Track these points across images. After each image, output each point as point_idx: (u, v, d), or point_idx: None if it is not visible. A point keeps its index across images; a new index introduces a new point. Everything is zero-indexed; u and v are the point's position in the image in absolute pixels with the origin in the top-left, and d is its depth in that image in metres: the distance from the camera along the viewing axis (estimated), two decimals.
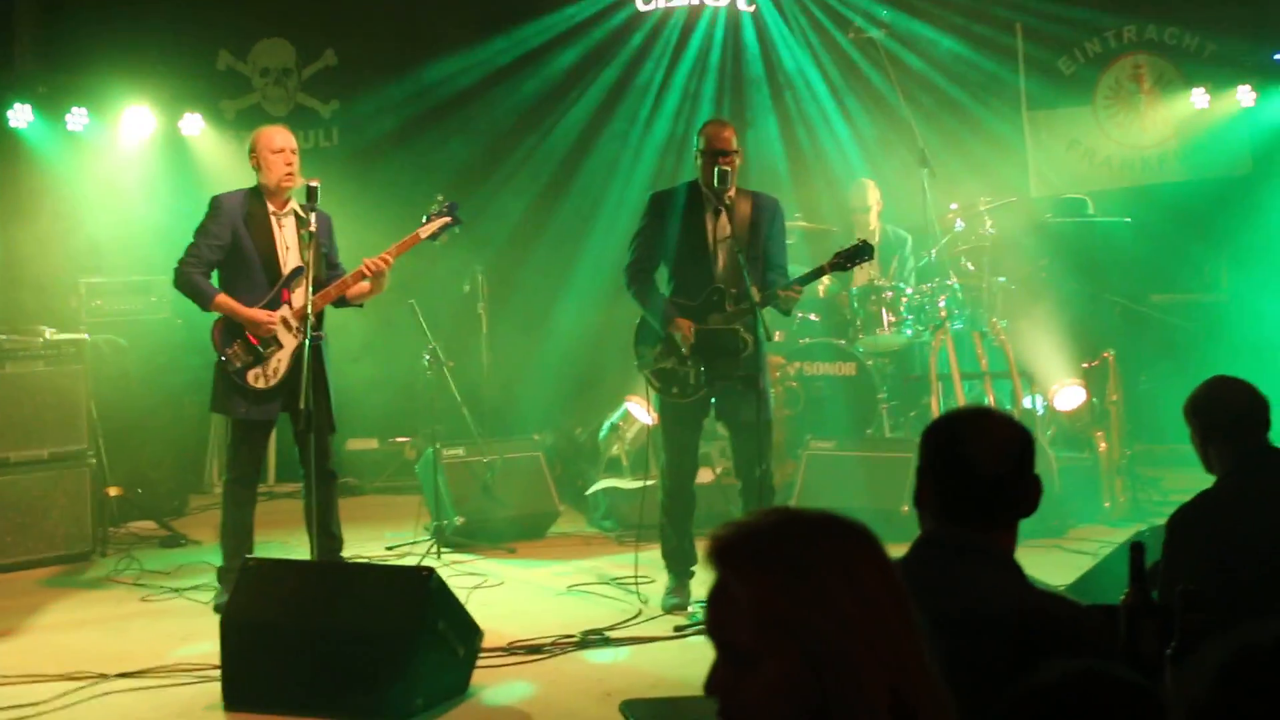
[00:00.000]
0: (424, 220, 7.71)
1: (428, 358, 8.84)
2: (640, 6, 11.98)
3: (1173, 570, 4.14)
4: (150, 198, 11.41)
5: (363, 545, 8.79)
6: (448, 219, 7.71)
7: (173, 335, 10.57)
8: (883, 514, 8.50)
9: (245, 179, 7.82)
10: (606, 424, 9.96)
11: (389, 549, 8.91)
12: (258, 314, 7.41)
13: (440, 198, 8.16)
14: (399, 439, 11.41)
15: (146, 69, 11.34)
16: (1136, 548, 3.30)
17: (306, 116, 12.11)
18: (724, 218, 7.18)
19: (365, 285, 7.52)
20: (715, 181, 7.07)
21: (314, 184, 7.26)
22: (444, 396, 9.03)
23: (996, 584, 2.94)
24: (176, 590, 7.96)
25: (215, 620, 6.83)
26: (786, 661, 1.90)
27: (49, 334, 8.93)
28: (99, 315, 10.36)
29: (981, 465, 3.00)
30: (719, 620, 1.97)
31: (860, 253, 7.13)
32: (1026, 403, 9.32)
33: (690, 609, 7.21)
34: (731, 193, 7.21)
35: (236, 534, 7.56)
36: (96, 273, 10.64)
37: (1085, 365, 9.62)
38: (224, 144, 11.81)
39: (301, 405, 6.81)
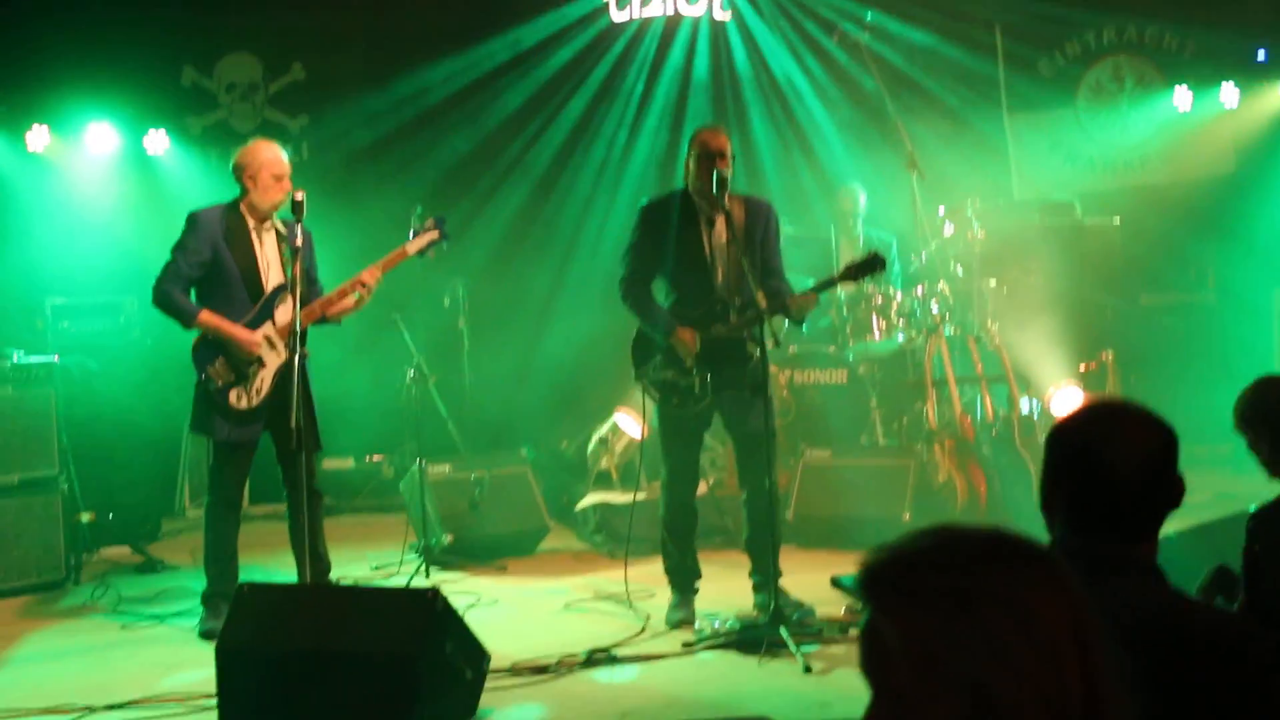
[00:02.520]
0: (410, 235, 7.48)
1: (412, 373, 8.60)
2: (614, 17, 11.78)
3: (1264, 574, 3.93)
4: (116, 216, 11.18)
5: (347, 567, 8.52)
6: (435, 234, 7.48)
7: (142, 356, 10.33)
8: (883, 523, 8.32)
9: (213, 196, 7.59)
10: (595, 437, 9.75)
11: (375, 569, 8.66)
12: (242, 332, 7.14)
13: (419, 210, 7.98)
14: (375, 457, 11.15)
15: (109, 85, 11.07)
16: (1250, 553, 3.06)
17: (274, 132, 11.81)
18: (721, 225, 6.98)
19: (349, 301, 7.27)
20: (714, 187, 6.84)
21: (299, 196, 6.98)
22: (428, 413, 8.80)
23: (1144, 594, 2.66)
24: (158, 617, 7.67)
25: (202, 647, 6.63)
26: (950, 711, 1.64)
27: (17, 357, 8.63)
28: (66, 337, 10.10)
29: (1121, 472, 2.69)
30: (871, 660, 1.70)
31: (872, 264, 6.87)
32: (1024, 406, 9.17)
33: (698, 624, 6.99)
34: (726, 198, 7.00)
35: (220, 558, 7.30)
36: (62, 294, 10.35)
37: (1083, 367, 9.49)
38: (190, 161, 11.58)
39: (292, 423, 6.55)
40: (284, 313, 7.17)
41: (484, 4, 11.90)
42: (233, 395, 7.15)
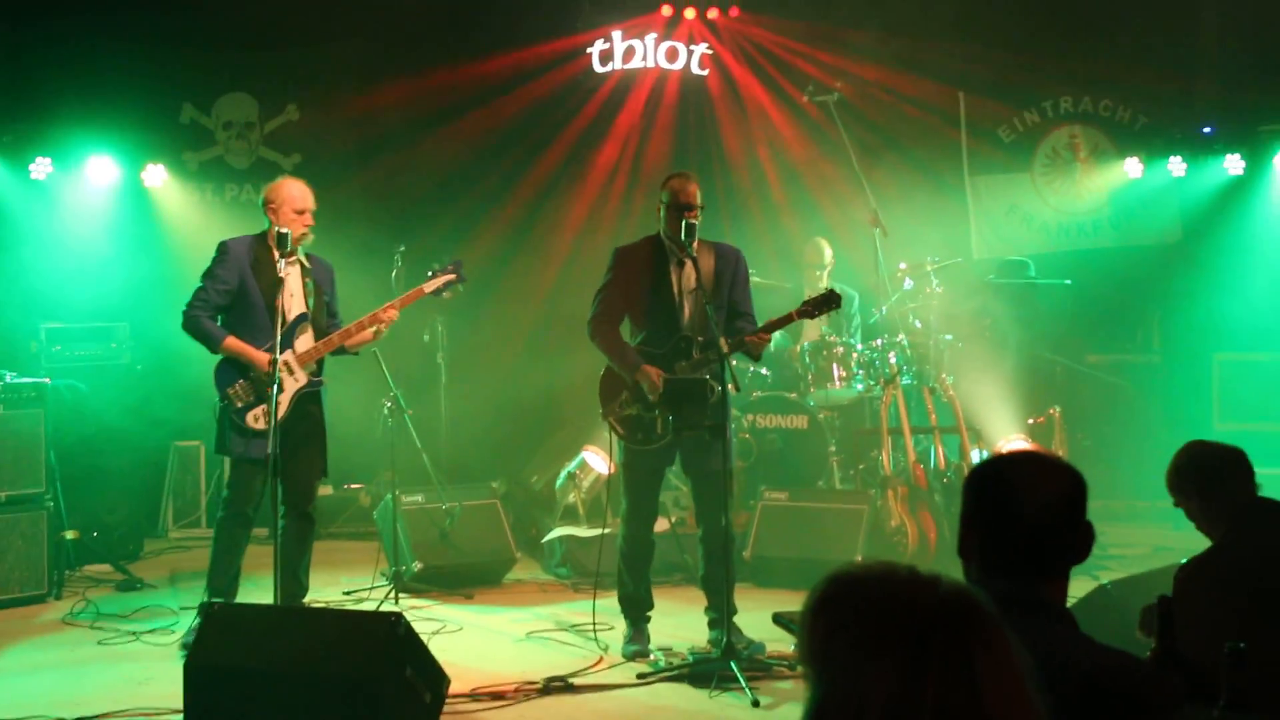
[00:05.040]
0: (428, 275, 7.67)
1: (389, 405, 8.54)
2: (597, 68, 11.80)
3: (1185, 626, 3.92)
4: (112, 246, 11.11)
5: (320, 591, 8.43)
6: (452, 276, 7.69)
7: (132, 381, 10.29)
8: (834, 565, 8.27)
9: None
10: (563, 472, 9.70)
11: (346, 594, 8.58)
12: (264, 355, 7.17)
13: (401, 249, 8.06)
14: (353, 485, 11.08)
15: (110, 120, 11.02)
16: (1165, 601, 3.06)
17: (268, 170, 11.77)
18: (689, 269, 6.97)
19: (367, 335, 7.44)
20: (682, 235, 6.84)
21: (284, 230, 7.04)
22: (404, 444, 8.73)
23: (1053, 639, 2.64)
24: (134, 634, 7.56)
25: (174, 664, 6.52)
26: None
27: (9, 378, 8.56)
28: (59, 360, 10.05)
29: (1030, 514, 2.72)
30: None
31: (829, 301, 6.93)
32: (975, 456, 9.15)
33: (652, 656, 6.94)
34: (695, 245, 6.99)
35: (225, 571, 7.27)
36: (57, 318, 10.29)
37: (1031, 421, 9.51)
38: (186, 195, 11.53)
39: (270, 449, 6.55)
40: (304, 342, 7.36)
41: (479, 37, 11.84)
42: (250, 416, 7.20)
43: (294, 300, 7.37)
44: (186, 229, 11.17)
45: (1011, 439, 9.32)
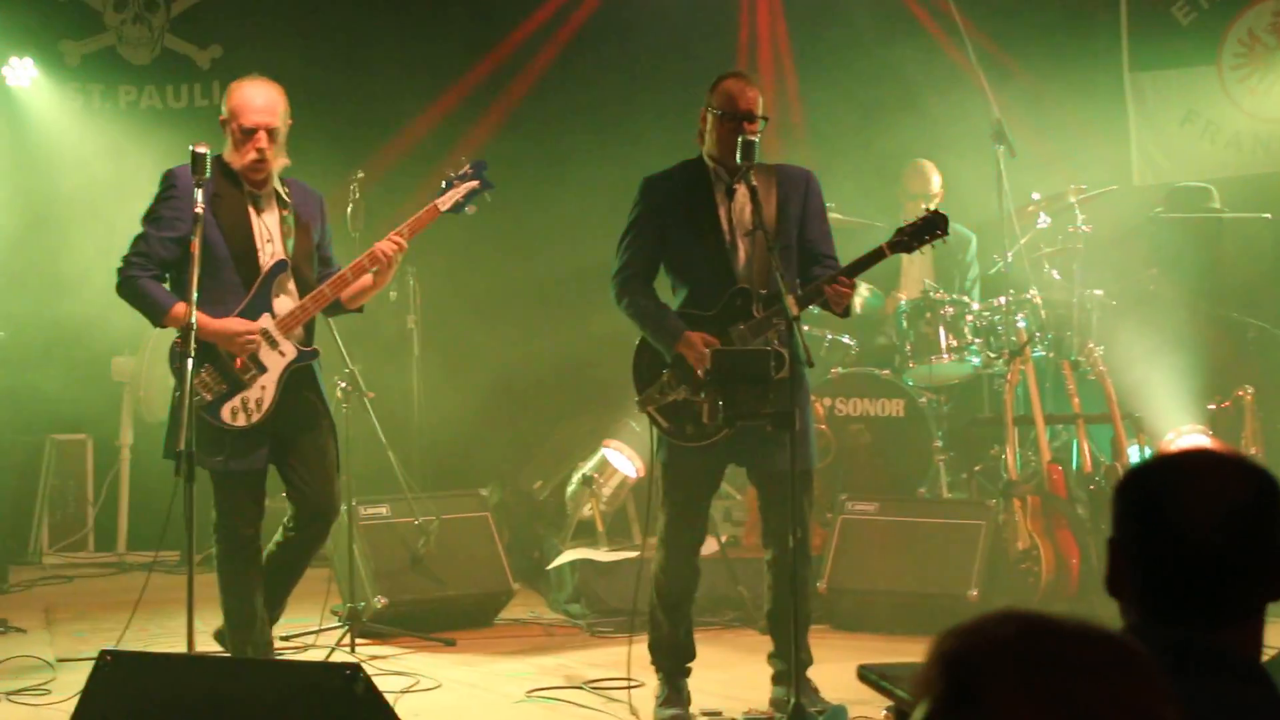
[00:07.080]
0: (443, 186, 7.56)
1: (343, 385, 8.66)
2: None
3: None
4: None
5: None
6: (474, 184, 7.58)
7: None
8: (941, 600, 8.44)
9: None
10: (577, 476, 9.82)
11: (284, 640, 8.72)
12: (232, 324, 7.10)
13: (360, 177, 8.10)
14: None
15: None
16: None
17: (177, 65, 11.90)
18: (743, 200, 6.99)
19: (367, 280, 7.35)
20: (739, 155, 6.87)
21: (201, 149, 6.90)
22: (362, 437, 8.85)
23: (1245, 705, 2.61)
24: None
25: None
26: None
27: None
28: None
29: (1204, 536, 2.66)
30: None
31: (931, 226, 6.90)
32: (1133, 454, 9.21)
33: None
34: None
35: (241, 622, 7.31)
36: None
37: (1213, 406, 9.55)
38: (65, 99, 11.61)
39: (180, 446, 6.53)
40: (284, 302, 7.25)
41: None
42: (226, 410, 7.15)
43: (271, 247, 7.25)
44: (65, 146, 11.29)
45: (1184, 431, 9.37)
